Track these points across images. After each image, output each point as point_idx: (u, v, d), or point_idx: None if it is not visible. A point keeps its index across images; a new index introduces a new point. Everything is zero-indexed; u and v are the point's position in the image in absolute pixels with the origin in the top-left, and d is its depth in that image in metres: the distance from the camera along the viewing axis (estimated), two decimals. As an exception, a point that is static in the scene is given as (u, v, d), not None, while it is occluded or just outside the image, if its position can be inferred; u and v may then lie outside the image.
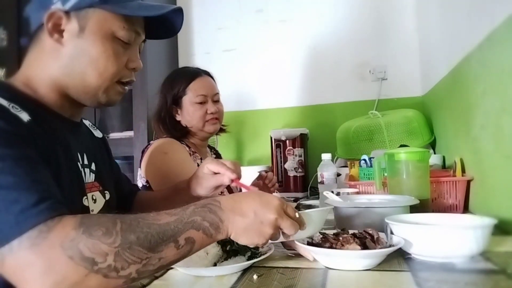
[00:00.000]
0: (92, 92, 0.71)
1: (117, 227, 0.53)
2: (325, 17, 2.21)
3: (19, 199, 0.51)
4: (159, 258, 0.54)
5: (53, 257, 0.49)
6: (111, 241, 0.51)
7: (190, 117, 1.32)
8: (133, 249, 0.52)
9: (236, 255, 0.76)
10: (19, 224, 0.50)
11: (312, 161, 2.03)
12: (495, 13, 0.94)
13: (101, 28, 0.68)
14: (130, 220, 0.54)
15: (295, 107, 2.26)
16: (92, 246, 0.50)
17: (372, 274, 0.66)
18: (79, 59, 0.69)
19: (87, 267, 0.50)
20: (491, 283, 0.61)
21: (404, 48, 2.09)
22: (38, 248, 0.49)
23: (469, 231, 0.71)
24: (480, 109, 1.09)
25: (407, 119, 1.76)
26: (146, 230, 0.54)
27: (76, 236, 0.50)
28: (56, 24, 0.67)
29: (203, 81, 1.35)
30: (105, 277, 0.51)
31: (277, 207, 0.61)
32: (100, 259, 0.50)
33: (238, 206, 0.60)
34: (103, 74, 0.70)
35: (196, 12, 2.44)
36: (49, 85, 0.70)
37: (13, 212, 0.50)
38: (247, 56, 2.33)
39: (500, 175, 0.97)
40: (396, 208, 0.90)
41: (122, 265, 0.51)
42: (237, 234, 0.60)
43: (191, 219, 0.57)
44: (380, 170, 1.17)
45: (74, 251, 0.49)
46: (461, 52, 1.23)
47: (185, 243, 0.56)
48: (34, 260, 0.49)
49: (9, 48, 2.23)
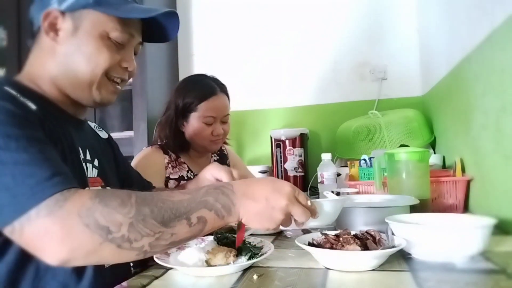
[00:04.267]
0: (85, 88, 0.73)
1: (132, 200, 0.55)
2: (325, 17, 2.21)
3: (34, 173, 0.53)
4: (171, 234, 0.56)
5: (70, 224, 0.51)
6: (126, 211, 0.53)
7: (194, 133, 1.28)
8: (147, 222, 0.54)
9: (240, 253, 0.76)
10: (35, 195, 0.52)
11: (312, 161, 2.03)
12: (495, 13, 0.94)
13: (95, 28, 0.71)
14: (145, 195, 0.57)
15: (295, 107, 2.25)
16: (107, 215, 0.52)
17: (372, 274, 0.66)
18: (73, 57, 0.71)
19: (102, 235, 0.51)
20: (491, 283, 0.61)
21: (404, 48, 2.08)
22: (55, 215, 0.51)
23: (469, 231, 0.71)
24: (480, 109, 1.09)
25: (407, 119, 1.76)
26: (160, 204, 0.56)
27: (92, 205, 0.52)
28: (52, 23, 0.70)
29: (216, 101, 1.29)
30: (118, 247, 0.52)
31: (289, 194, 0.62)
32: (114, 228, 0.52)
33: (251, 191, 0.62)
34: (94, 69, 0.72)
35: (195, 12, 2.44)
36: (49, 83, 0.73)
37: (29, 184, 0.52)
38: (247, 56, 2.33)
39: (500, 175, 0.97)
40: (396, 208, 0.89)
41: (135, 236, 0.53)
42: (248, 218, 0.62)
43: (204, 199, 0.59)
44: (380, 170, 1.17)
45: (90, 220, 0.51)
46: (461, 52, 1.23)
47: (197, 222, 0.57)
48: (52, 227, 0.51)
49: (9, 48, 2.23)
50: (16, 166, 0.54)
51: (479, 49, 1.08)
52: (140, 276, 0.70)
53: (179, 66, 2.42)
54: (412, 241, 0.72)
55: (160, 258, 0.75)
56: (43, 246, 0.52)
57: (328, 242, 0.73)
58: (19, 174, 0.53)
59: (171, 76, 2.32)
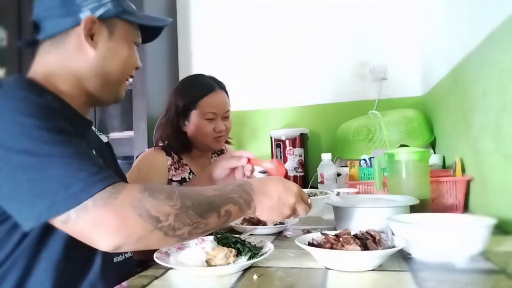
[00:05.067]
0: (114, 87, 0.82)
1: (176, 194, 0.62)
2: (325, 17, 2.21)
3: (83, 167, 0.58)
4: (205, 224, 0.64)
5: (125, 214, 0.57)
6: (173, 204, 0.60)
7: (196, 131, 1.28)
8: (189, 213, 0.61)
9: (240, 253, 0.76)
10: (88, 187, 0.57)
11: (312, 161, 2.03)
12: (495, 13, 0.94)
13: (127, 34, 0.80)
14: (185, 190, 0.65)
15: (295, 107, 2.25)
16: (157, 207, 0.59)
17: (372, 274, 0.66)
18: (109, 59, 0.78)
19: (153, 224, 0.58)
20: (491, 283, 0.61)
21: (404, 48, 2.08)
22: (111, 205, 0.57)
23: (469, 231, 0.71)
24: (480, 109, 1.09)
25: (407, 119, 1.76)
26: (198, 199, 0.64)
27: (143, 197, 0.59)
28: (89, 29, 0.76)
29: (216, 97, 1.30)
30: (164, 234, 0.60)
31: (296, 193, 0.75)
32: (163, 218, 0.59)
33: (266, 189, 0.73)
34: (127, 71, 0.82)
35: (195, 12, 2.44)
36: (70, 82, 0.77)
37: (81, 177, 0.57)
38: (247, 56, 2.33)
39: (500, 175, 0.97)
40: (396, 208, 0.89)
41: (178, 225, 0.61)
42: (261, 212, 0.72)
43: (230, 195, 0.68)
44: (380, 170, 1.17)
45: (143, 210, 0.58)
46: (461, 52, 1.23)
47: (224, 214, 0.66)
48: (109, 217, 0.56)
49: (9, 48, 2.23)
50: (64, 159, 0.58)
51: (479, 49, 1.08)
52: (140, 276, 0.70)
53: (179, 66, 2.42)
54: (412, 241, 0.72)
55: (160, 258, 0.75)
56: (99, 234, 0.57)
57: (328, 242, 0.73)
58: (69, 167, 0.58)
59: (171, 76, 2.32)
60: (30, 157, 0.57)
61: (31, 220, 0.57)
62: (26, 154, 0.57)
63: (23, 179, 0.56)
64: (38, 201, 0.56)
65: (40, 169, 0.57)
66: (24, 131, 0.58)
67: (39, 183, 0.56)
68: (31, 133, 0.58)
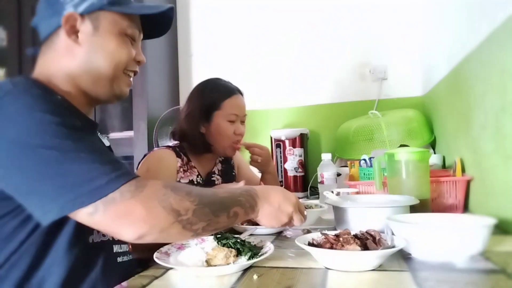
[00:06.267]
0: (106, 84, 0.78)
1: (194, 191, 0.67)
2: (325, 17, 2.21)
3: (106, 162, 0.61)
4: (216, 222, 0.68)
5: (151, 205, 0.61)
6: (192, 200, 0.65)
7: (217, 133, 1.28)
8: (205, 210, 0.66)
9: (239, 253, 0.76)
10: (113, 181, 0.59)
11: (312, 161, 2.03)
12: (495, 13, 0.94)
13: (114, 27, 0.77)
14: (201, 189, 0.70)
15: (295, 107, 2.25)
16: (179, 201, 0.63)
17: (372, 274, 0.66)
18: (96, 54, 0.76)
19: (174, 216, 0.62)
20: (491, 283, 0.61)
21: (404, 48, 2.08)
22: (138, 198, 0.60)
23: (469, 231, 0.71)
24: (480, 109, 1.09)
25: (407, 119, 1.76)
26: (212, 198, 0.69)
27: (167, 192, 0.63)
28: (72, 26, 0.74)
29: (238, 100, 1.32)
30: (183, 228, 0.63)
31: (295, 203, 0.80)
32: (184, 212, 0.63)
33: (269, 196, 0.78)
34: (117, 64, 0.78)
35: (195, 12, 2.44)
36: (67, 82, 0.76)
37: (104, 171, 0.60)
38: (247, 56, 2.33)
39: (500, 175, 0.97)
40: (396, 208, 0.89)
41: (195, 221, 0.64)
42: (261, 217, 0.77)
43: (239, 198, 0.73)
44: (380, 170, 1.17)
45: (166, 203, 0.62)
46: (461, 52, 1.23)
47: (233, 215, 0.71)
48: (135, 207, 0.60)
49: (9, 48, 2.23)
50: (88, 154, 0.60)
51: (479, 49, 1.08)
52: (140, 276, 0.70)
53: (179, 67, 2.42)
54: (412, 241, 0.72)
55: (160, 258, 0.75)
56: (126, 224, 0.60)
57: (328, 242, 0.73)
58: (92, 162, 0.60)
59: (171, 77, 2.32)
60: (54, 152, 0.58)
61: (53, 212, 0.58)
62: (50, 149, 0.58)
63: (46, 173, 0.58)
64: (62, 193, 0.57)
65: (64, 163, 0.58)
66: (45, 128, 0.60)
67: (63, 177, 0.58)
68: (52, 130, 0.60)
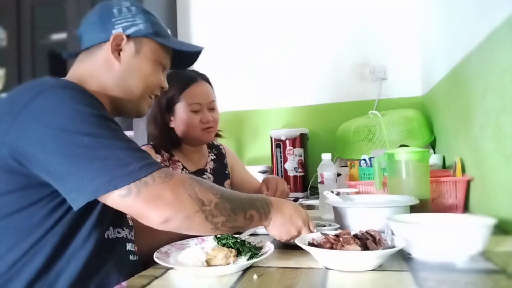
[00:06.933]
0: (134, 101, 0.87)
1: (216, 186, 0.72)
2: (325, 17, 2.21)
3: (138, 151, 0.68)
4: (234, 220, 0.72)
5: (179, 191, 0.66)
6: (215, 193, 0.70)
7: (183, 125, 1.26)
8: (226, 206, 0.70)
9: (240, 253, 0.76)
10: (145, 167, 0.65)
11: (312, 161, 2.03)
12: (495, 13, 0.94)
13: (153, 54, 0.86)
14: (222, 187, 0.73)
15: (295, 107, 2.26)
16: (204, 192, 0.68)
17: (372, 274, 0.66)
18: (132, 74, 0.84)
19: (199, 205, 0.67)
20: (491, 283, 0.61)
21: (404, 48, 2.09)
22: (168, 184, 0.66)
23: (469, 231, 0.71)
24: (480, 109, 1.09)
25: (407, 119, 1.76)
26: (233, 196, 0.74)
27: (192, 182, 0.69)
28: (117, 44, 0.83)
29: (198, 88, 1.27)
30: (205, 218, 0.67)
31: (305, 219, 0.83)
32: (207, 202, 0.68)
33: (282, 208, 0.81)
34: (148, 87, 0.87)
35: (195, 12, 2.44)
36: (98, 90, 0.82)
37: (137, 158, 0.66)
38: (247, 56, 2.33)
39: (500, 175, 0.97)
40: (396, 208, 0.89)
41: (217, 213, 0.69)
42: (272, 226, 0.80)
43: (255, 203, 0.77)
44: (380, 170, 1.17)
45: (192, 192, 0.67)
46: (461, 52, 1.23)
47: (249, 217, 0.75)
48: (165, 192, 0.65)
49: (9, 48, 2.23)
50: (123, 143, 0.66)
51: (479, 49, 1.08)
52: (140, 276, 0.70)
53: (179, 66, 2.42)
54: (412, 241, 0.72)
55: (160, 258, 0.75)
56: (156, 206, 0.64)
57: (328, 242, 0.73)
58: (126, 149, 0.66)
59: (171, 76, 2.31)
60: (93, 138, 0.64)
61: (88, 193, 0.62)
62: (89, 135, 0.64)
63: (85, 157, 0.63)
64: (99, 175, 0.62)
65: (101, 149, 0.64)
66: (84, 118, 0.65)
67: (100, 161, 0.63)
68: (91, 120, 0.66)
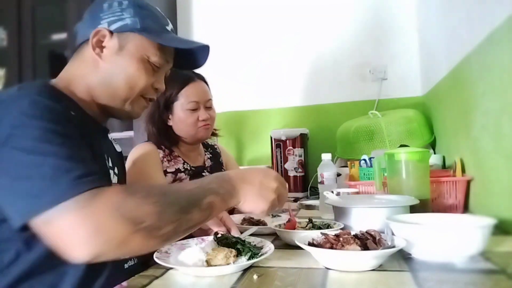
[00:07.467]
0: (120, 103, 0.81)
1: (155, 191, 0.61)
2: (325, 17, 2.21)
3: (72, 169, 0.57)
4: (188, 220, 0.62)
5: (101, 218, 0.53)
6: (154, 201, 0.58)
7: (181, 123, 1.30)
8: (171, 210, 0.59)
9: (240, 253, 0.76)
10: (69, 190, 0.54)
11: (312, 161, 2.03)
12: (495, 13, 0.94)
13: (138, 51, 0.78)
14: (163, 187, 0.66)
15: (295, 107, 2.26)
16: (136, 207, 0.56)
17: (372, 274, 0.66)
18: (114, 73, 0.78)
19: (132, 226, 0.55)
20: (491, 283, 0.61)
21: (404, 48, 2.09)
22: (84, 210, 0.53)
23: (469, 231, 0.71)
24: (480, 109, 1.09)
25: (407, 119, 1.76)
26: (177, 194, 0.63)
27: (122, 198, 0.56)
28: (99, 40, 0.77)
29: (195, 87, 1.31)
30: (147, 236, 0.56)
31: (278, 178, 0.74)
32: (145, 218, 0.56)
33: (246, 177, 0.71)
34: (132, 88, 0.79)
35: (196, 12, 2.44)
36: (85, 91, 0.79)
37: (66, 179, 0.55)
38: (247, 56, 2.33)
39: (500, 175, 0.97)
40: (396, 208, 0.89)
41: (160, 224, 0.57)
42: (246, 201, 0.70)
43: (209, 186, 0.66)
44: (380, 170, 1.17)
45: (121, 212, 0.54)
46: (461, 52, 1.23)
47: (207, 207, 0.64)
48: (82, 222, 0.53)
49: (9, 48, 2.23)
50: (56, 160, 0.57)
51: (479, 49, 1.08)
52: (140, 276, 0.70)
53: (179, 66, 2.42)
54: (412, 241, 0.72)
55: (160, 258, 0.75)
56: (72, 242, 0.53)
57: (328, 242, 0.73)
58: (58, 168, 0.56)
59: (171, 76, 2.31)
60: (26, 155, 0.57)
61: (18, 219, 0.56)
62: (23, 151, 0.57)
63: (16, 176, 0.57)
64: (24, 198, 0.55)
65: (32, 167, 0.56)
66: (25, 131, 0.59)
67: (28, 180, 0.56)
68: (31, 133, 0.59)
